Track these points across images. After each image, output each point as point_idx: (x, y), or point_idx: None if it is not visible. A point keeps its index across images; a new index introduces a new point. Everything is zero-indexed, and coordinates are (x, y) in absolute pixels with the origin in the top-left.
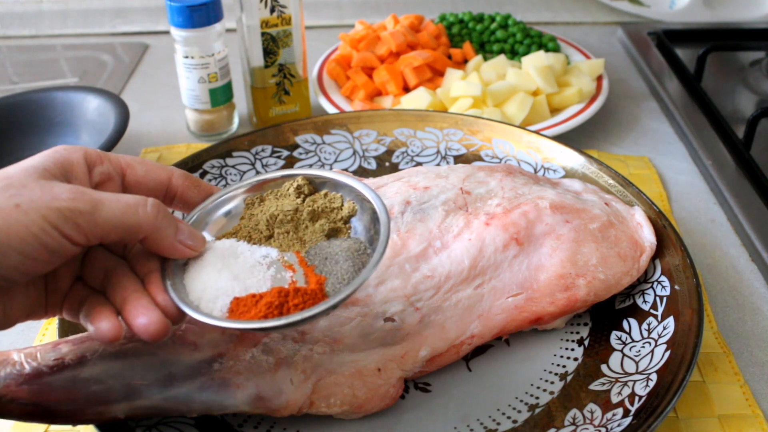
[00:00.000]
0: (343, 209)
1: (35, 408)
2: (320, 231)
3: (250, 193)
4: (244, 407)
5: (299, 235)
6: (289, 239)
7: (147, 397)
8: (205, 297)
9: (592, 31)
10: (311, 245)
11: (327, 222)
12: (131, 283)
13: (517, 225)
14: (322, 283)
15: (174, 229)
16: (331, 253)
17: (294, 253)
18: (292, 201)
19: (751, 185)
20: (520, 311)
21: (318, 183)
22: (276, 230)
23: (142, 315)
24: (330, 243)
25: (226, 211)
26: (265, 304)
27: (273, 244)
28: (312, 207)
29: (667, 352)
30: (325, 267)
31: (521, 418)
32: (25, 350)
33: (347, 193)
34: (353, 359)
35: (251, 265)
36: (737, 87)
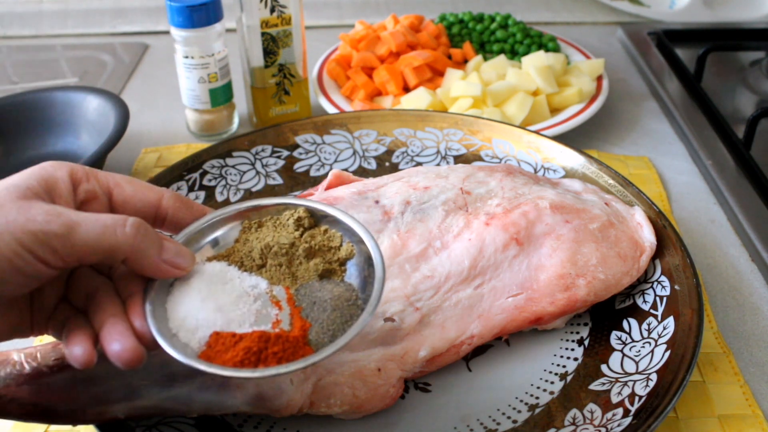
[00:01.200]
0: (341, 250)
1: (35, 408)
2: (314, 270)
3: (244, 217)
4: (244, 407)
5: (292, 270)
6: (281, 273)
7: (147, 397)
8: (185, 326)
9: (592, 31)
10: (303, 283)
11: (322, 262)
12: (111, 306)
13: (517, 225)
14: (306, 330)
15: (158, 248)
16: (321, 298)
17: (284, 288)
18: (289, 233)
19: (751, 185)
20: (520, 311)
21: (319, 216)
22: (269, 261)
23: (116, 341)
24: (322, 285)
25: (219, 234)
26: (243, 348)
27: (264, 275)
28: (309, 243)
29: (667, 352)
30: (312, 312)
31: (521, 418)
32: (25, 350)
33: (345, 231)
34: (353, 359)
35: (238, 294)
36: (737, 87)
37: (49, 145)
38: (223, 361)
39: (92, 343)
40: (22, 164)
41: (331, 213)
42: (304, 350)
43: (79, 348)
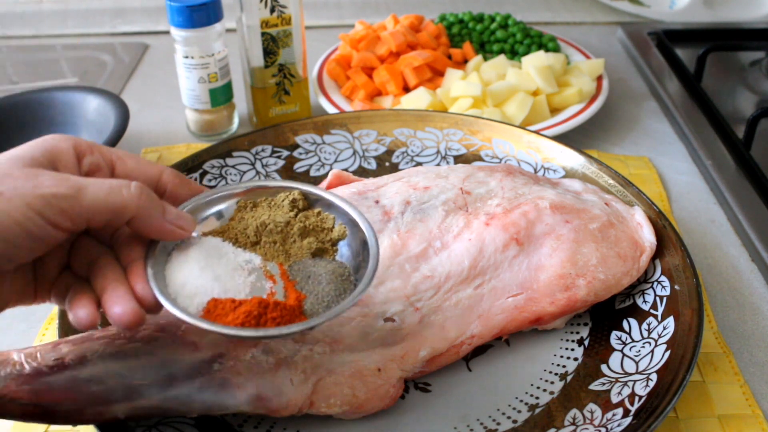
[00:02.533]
0: (333, 231)
1: (35, 408)
2: (307, 248)
3: (242, 197)
4: (244, 407)
5: (286, 247)
6: (275, 249)
7: (147, 397)
8: (183, 293)
9: (592, 31)
10: (296, 260)
11: (315, 241)
12: (112, 271)
13: (517, 225)
14: (301, 300)
15: (161, 209)
16: (315, 273)
17: (277, 264)
18: (284, 213)
19: (751, 185)
20: (520, 311)
21: (313, 200)
22: (264, 238)
23: (118, 304)
24: (315, 262)
25: (215, 211)
26: (243, 312)
27: (258, 252)
28: (303, 223)
29: (667, 352)
30: (306, 285)
31: (521, 418)
32: (25, 350)
33: (339, 215)
34: (353, 359)
35: (233, 268)
36: (737, 87)
37: None
38: (224, 323)
39: (95, 306)
40: None
41: (324, 196)
42: (301, 318)
43: (83, 311)
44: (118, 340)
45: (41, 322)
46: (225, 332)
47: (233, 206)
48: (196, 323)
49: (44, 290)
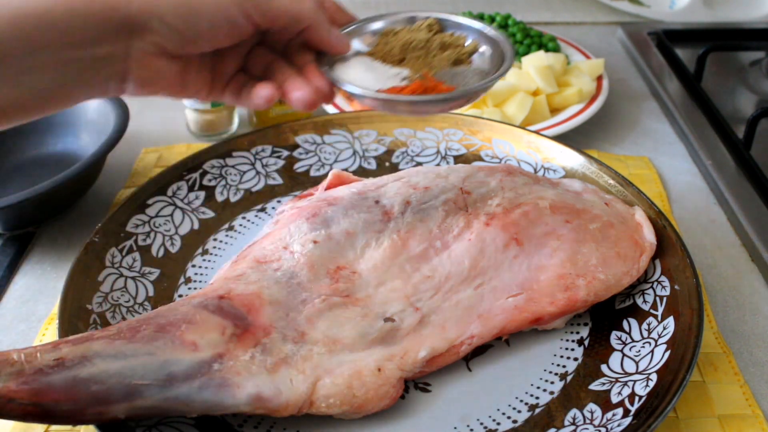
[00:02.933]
0: (467, 46)
1: (35, 408)
2: (447, 59)
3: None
4: (244, 407)
5: (428, 60)
6: (419, 63)
7: (147, 397)
8: (356, 85)
9: (592, 31)
10: (438, 70)
11: (453, 52)
12: (289, 69)
13: (517, 225)
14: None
15: (329, 24)
16: (459, 73)
17: (423, 74)
18: (424, 34)
19: (751, 185)
20: (520, 311)
21: (445, 26)
22: (408, 55)
23: (298, 89)
24: (456, 68)
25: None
26: (410, 90)
27: (404, 66)
28: (441, 39)
29: (667, 352)
30: (453, 82)
31: (521, 418)
32: (25, 350)
33: (470, 34)
34: (353, 359)
35: (387, 77)
36: (737, 87)
37: (49, 145)
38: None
39: (275, 89)
40: (22, 164)
41: (456, 20)
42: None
43: (265, 90)
44: (118, 340)
45: (41, 322)
46: (409, 99)
47: (378, 34)
48: (379, 96)
49: (219, 87)
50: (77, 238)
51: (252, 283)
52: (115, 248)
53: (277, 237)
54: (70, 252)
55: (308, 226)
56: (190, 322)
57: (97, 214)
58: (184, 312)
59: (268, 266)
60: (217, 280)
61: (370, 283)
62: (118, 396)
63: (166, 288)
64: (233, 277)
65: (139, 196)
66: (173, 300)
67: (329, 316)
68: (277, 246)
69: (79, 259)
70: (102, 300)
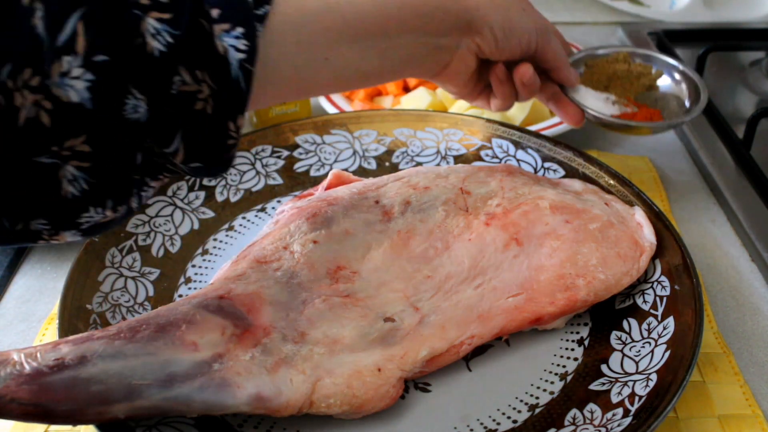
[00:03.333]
0: (655, 73)
1: (35, 408)
2: (643, 85)
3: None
4: (244, 407)
5: (628, 86)
6: (622, 89)
7: (147, 397)
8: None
9: (592, 31)
10: (637, 93)
11: (646, 79)
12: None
13: (517, 225)
14: (659, 112)
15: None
16: (658, 97)
17: (626, 98)
18: (621, 65)
19: (751, 185)
20: (520, 311)
21: (635, 56)
22: (612, 82)
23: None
24: (651, 92)
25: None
26: (642, 116)
27: (609, 92)
28: (636, 69)
29: (667, 352)
30: (655, 105)
31: (521, 418)
32: (25, 350)
33: (655, 64)
34: (353, 359)
35: (601, 100)
36: (737, 87)
37: None
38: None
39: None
40: None
41: (644, 52)
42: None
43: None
44: (118, 340)
45: (41, 322)
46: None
47: (582, 65)
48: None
49: (479, 89)
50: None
51: (252, 283)
52: (115, 248)
53: (277, 237)
54: (70, 252)
55: (308, 226)
56: (190, 322)
57: None
58: (184, 312)
59: (268, 266)
60: (217, 280)
61: (371, 283)
62: (118, 396)
63: (166, 288)
64: (233, 277)
65: None
66: (173, 300)
67: (329, 316)
68: (277, 246)
69: (79, 259)
70: (102, 300)
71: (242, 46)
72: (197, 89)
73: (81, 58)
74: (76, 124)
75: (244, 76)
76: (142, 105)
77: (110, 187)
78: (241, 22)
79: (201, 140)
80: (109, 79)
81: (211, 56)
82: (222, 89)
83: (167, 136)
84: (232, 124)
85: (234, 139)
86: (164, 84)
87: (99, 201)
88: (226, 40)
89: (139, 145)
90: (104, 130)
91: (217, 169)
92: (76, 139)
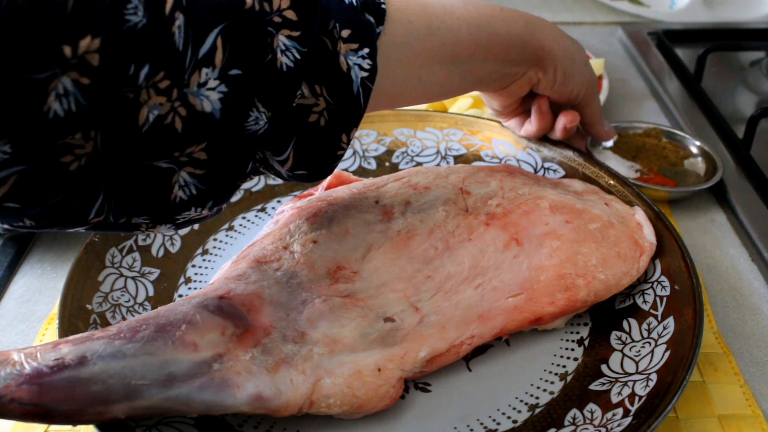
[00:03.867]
0: (681, 151)
1: (35, 408)
2: (669, 158)
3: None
4: (244, 407)
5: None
6: (649, 159)
7: (147, 398)
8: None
9: (592, 31)
10: (661, 166)
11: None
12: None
13: (517, 225)
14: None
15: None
16: (680, 172)
17: (649, 168)
18: (653, 139)
19: (751, 185)
20: (520, 311)
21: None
22: (640, 154)
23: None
24: (675, 168)
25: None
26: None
27: (637, 162)
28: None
29: (667, 352)
30: (675, 178)
31: (521, 418)
32: (25, 350)
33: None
34: (353, 359)
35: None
36: (737, 87)
37: None
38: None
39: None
40: None
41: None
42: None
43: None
44: (118, 340)
45: (41, 322)
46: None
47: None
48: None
49: (513, 114)
50: (77, 238)
51: (252, 283)
52: (115, 248)
53: (277, 237)
54: (70, 252)
55: (308, 226)
56: (190, 322)
57: None
58: (184, 312)
59: (268, 266)
60: (217, 280)
61: (371, 283)
62: (118, 396)
63: (166, 288)
64: (233, 277)
65: None
66: (173, 300)
67: (329, 317)
68: (277, 246)
69: (79, 259)
70: (102, 300)
71: (366, 65)
72: (314, 102)
73: (218, 70)
74: (202, 133)
75: (363, 93)
76: (263, 117)
77: (216, 191)
78: (367, 42)
79: (311, 150)
80: (240, 92)
81: (334, 73)
82: (341, 103)
83: (281, 146)
84: (345, 135)
85: (344, 150)
86: (288, 98)
87: (202, 203)
88: (351, 59)
89: (253, 154)
90: (224, 139)
91: (319, 176)
92: (197, 146)
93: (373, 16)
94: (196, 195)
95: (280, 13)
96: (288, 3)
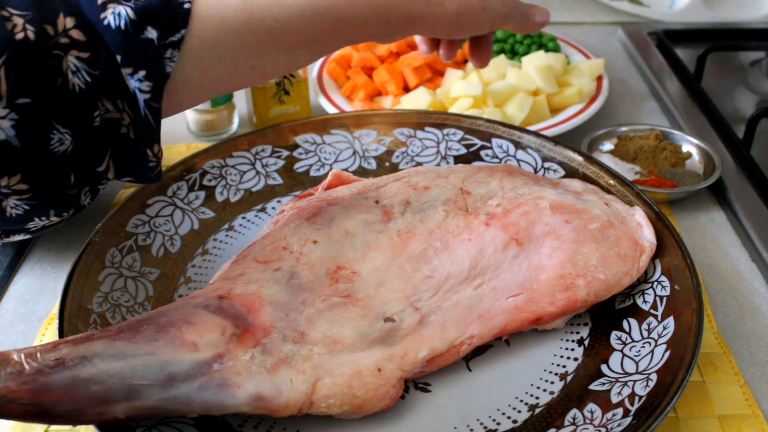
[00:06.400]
0: (682, 152)
1: (35, 408)
2: (668, 159)
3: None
4: (244, 407)
5: (654, 160)
6: (647, 162)
7: (147, 398)
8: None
9: (592, 31)
10: (661, 168)
11: (672, 156)
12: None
13: (517, 225)
14: (673, 184)
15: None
16: (678, 173)
17: (650, 170)
18: (652, 141)
19: (751, 185)
20: (520, 311)
21: (666, 135)
22: (639, 156)
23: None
24: (676, 169)
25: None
26: (651, 183)
27: (636, 164)
28: (664, 146)
29: (667, 352)
30: (674, 179)
31: (521, 418)
32: (25, 350)
33: (685, 144)
34: (353, 359)
35: (625, 169)
36: (737, 87)
37: None
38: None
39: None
40: None
41: (675, 133)
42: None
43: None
44: (119, 340)
45: (41, 322)
46: (663, 191)
47: (615, 138)
48: (636, 188)
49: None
50: (77, 238)
51: (252, 283)
52: (115, 248)
53: (277, 237)
54: (70, 252)
55: (308, 226)
56: (190, 322)
57: (97, 214)
58: (184, 312)
59: (268, 266)
60: (217, 280)
61: (370, 283)
62: (118, 396)
63: (166, 288)
64: (233, 277)
65: (139, 196)
66: (173, 300)
67: (329, 317)
68: (277, 246)
69: (79, 259)
70: (102, 300)
71: (146, 87)
72: (120, 117)
73: (5, 100)
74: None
75: (151, 114)
76: (67, 137)
77: (50, 204)
78: (143, 64)
79: (128, 160)
80: (32, 118)
81: (126, 92)
82: (138, 121)
83: (97, 159)
84: (149, 151)
85: (154, 162)
86: (86, 116)
87: (42, 213)
88: (131, 82)
89: (71, 170)
90: (35, 165)
91: (148, 182)
92: (14, 178)
93: (168, 22)
94: (30, 210)
95: (66, 34)
96: (73, 22)
